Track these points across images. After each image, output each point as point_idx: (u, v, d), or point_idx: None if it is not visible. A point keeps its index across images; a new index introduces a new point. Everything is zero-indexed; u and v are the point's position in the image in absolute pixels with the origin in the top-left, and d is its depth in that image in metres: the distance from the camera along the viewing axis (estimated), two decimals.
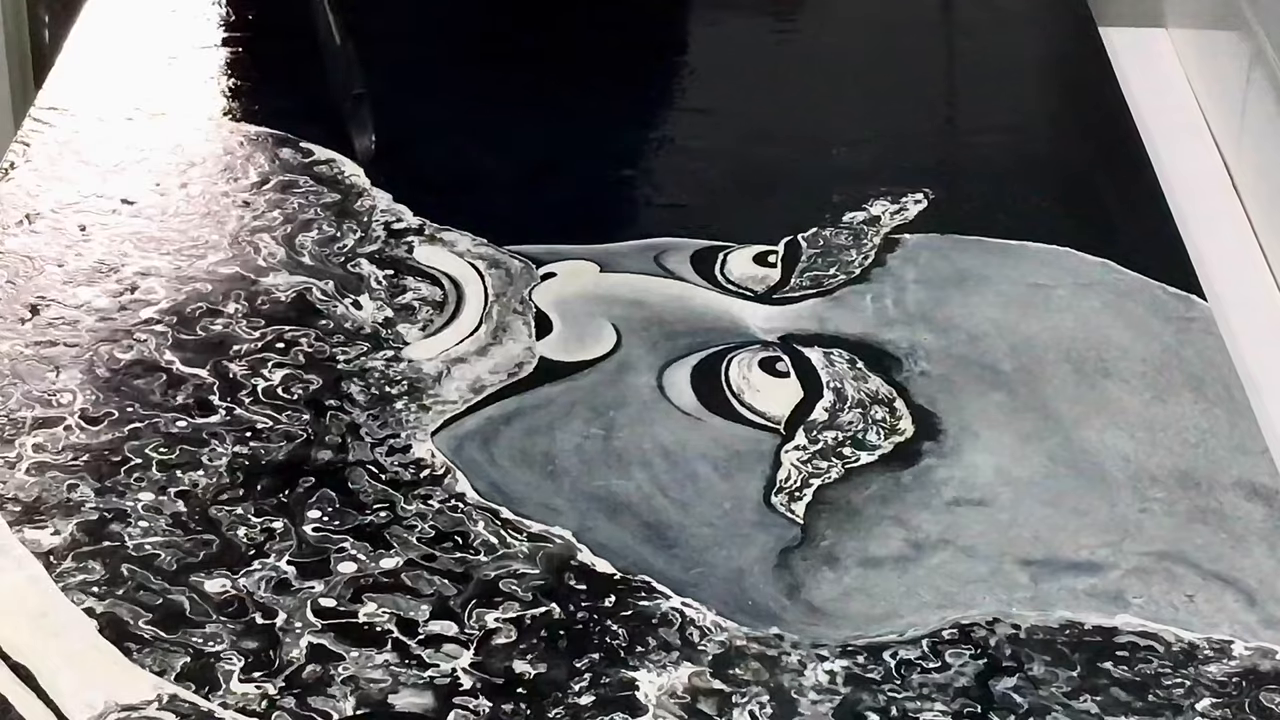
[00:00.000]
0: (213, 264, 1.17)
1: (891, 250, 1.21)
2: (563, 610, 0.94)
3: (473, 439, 1.04)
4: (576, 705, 0.88)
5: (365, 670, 0.90)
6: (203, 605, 0.93)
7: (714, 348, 1.12)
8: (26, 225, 1.20)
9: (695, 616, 0.93)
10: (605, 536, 0.98)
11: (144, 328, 1.12)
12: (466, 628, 0.92)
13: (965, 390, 1.09)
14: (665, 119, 1.36)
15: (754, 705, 0.89)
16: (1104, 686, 0.90)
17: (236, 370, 1.09)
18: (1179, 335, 1.13)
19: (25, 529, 0.97)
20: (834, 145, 1.32)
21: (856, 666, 0.91)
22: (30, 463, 1.01)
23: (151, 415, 1.05)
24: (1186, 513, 1.00)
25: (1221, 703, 0.89)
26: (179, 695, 0.88)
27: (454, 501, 1.00)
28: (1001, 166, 1.30)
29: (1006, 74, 1.43)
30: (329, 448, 1.03)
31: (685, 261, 1.19)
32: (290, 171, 1.27)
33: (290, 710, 0.88)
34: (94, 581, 0.94)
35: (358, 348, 1.11)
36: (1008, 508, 1.01)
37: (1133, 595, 0.95)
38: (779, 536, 0.99)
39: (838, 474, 1.03)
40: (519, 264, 1.19)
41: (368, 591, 0.94)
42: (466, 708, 0.88)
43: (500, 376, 1.09)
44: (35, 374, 1.08)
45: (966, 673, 0.91)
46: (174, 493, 1.00)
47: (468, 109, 1.36)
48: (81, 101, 1.33)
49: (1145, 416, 1.07)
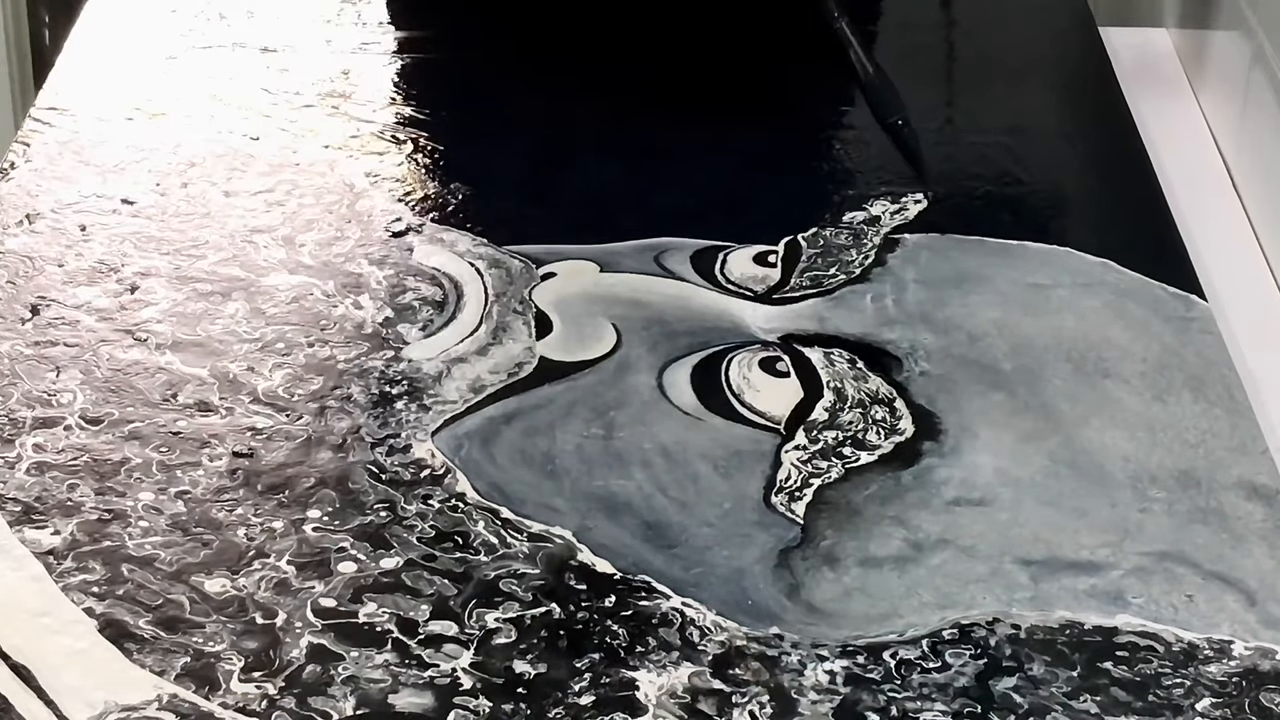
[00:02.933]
0: (213, 264, 1.17)
1: (892, 250, 1.21)
2: (563, 610, 0.94)
3: (473, 439, 1.04)
4: (576, 705, 0.88)
5: (365, 670, 0.90)
6: (203, 605, 0.93)
7: (714, 347, 1.12)
8: (27, 225, 1.20)
9: (695, 616, 0.93)
10: (605, 536, 0.98)
11: (144, 328, 1.12)
12: (467, 628, 0.92)
13: (965, 390, 1.09)
14: (665, 118, 1.36)
15: (754, 705, 0.89)
16: (1104, 686, 0.90)
17: (236, 370, 1.09)
18: (1179, 335, 1.13)
19: (25, 529, 0.97)
20: (834, 144, 1.32)
21: (856, 666, 0.91)
22: (30, 463, 1.01)
23: (151, 415, 1.05)
24: (1186, 513, 1.00)
25: (1221, 703, 0.89)
26: (179, 695, 0.88)
27: (454, 501, 1.00)
28: (1001, 166, 1.30)
29: (1006, 74, 1.43)
30: (329, 448, 1.03)
31: (685, 261, 1.19)
32: (291, 171, 1.26)
33: (290, 710, 0.88)
34: (94, 581, 0.94)
35: (358, 348, 1.11)
36: (1008, 508, 1.01)
37: (1133, 595, 0.95)
38: (779, 536, 0.99)
39: (838, 474, 1.03)
40: (519, 264, 1.19)
41: (368, 591, 0.94)
42: (466, 708, 0.88)
43: (500, 376, 1.09)
44: (35, 374, 1.08)
45: (966, 673, 0.91)
46: (174, 493, 1.00)
47: (468, 109, 1.36)
48: (81, 101, 1.33)
49: (1145, 416, 1.07)
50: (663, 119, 1.35)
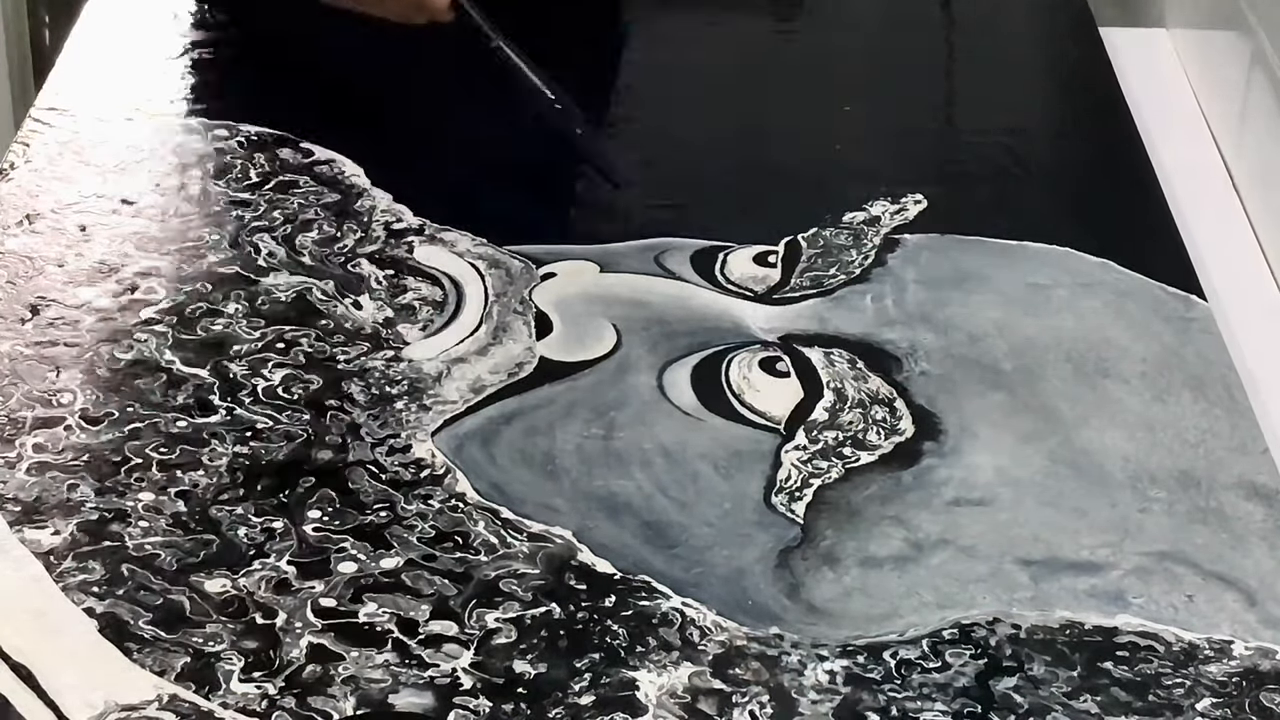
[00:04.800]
0: (213, 264, 1.17)
1: (891, 250, 1.21)
2: (563, 610, 0.94)
3: (473, 439, 1.04)
4: (577, 705, 0.89)
5: (365, 670, 0.90)
6: (203, 605, 0.93)
7: (714, 348, 1.12)
8: (27, 225, 1.20)
9: (695, 616, 0.93)
10: (605, 536, 0.98)
11: (144, 328, 1.12)
12: (467, 628, 0.92)
13: (965, 390, 1.09)
14: (665, 118, 1.36)
15: (754, 705, 0.89)
16: (1104, 686, 0.90)
17: (236, 370, 1.09)
18: (1179, 335, 1.14)
19: (25, 529, 0.97)
20: (834, 145, 1.32)
21: (856, 666, 0.91)
22: (30, 463, 1.01)
23: (151, 415, 1.05)
24: (1186, 513, 1.01)
25: (1222, 702, 0.90)
26: (179, 695, 0.88)
27: (454, 501, 1.00)
28: (1001, 166, 1.30)
29: (1006, 74, 1.43)
30: (329, 448, 1.03)
31: (685, 262, 1.19)
32: (290, 172, 1.27)
33: (290, 710, 0.88)
34: (94, 581, 0.94)
35: (358, 348, 1.11)
36: (1008, 508, 1.01)
37: (1133, 595, 0.95)
38: (779, 536, 0.99)
39: (838, 474, 1.03)
40: (519, 264, 1.19)
41: (368, 591, 0.94)
42: (467, 708, 0.88)
43: (500, 376, 1.09)
44: (35, 374, 1.08)
45: (967, 673, 0.91)
46: (174, 493, 1.00)
47: (468, 110, 1.36)
48: (81, 101, 1.33)
49: (1145, 416, 1.07)
50: (663, 118, 1.36)
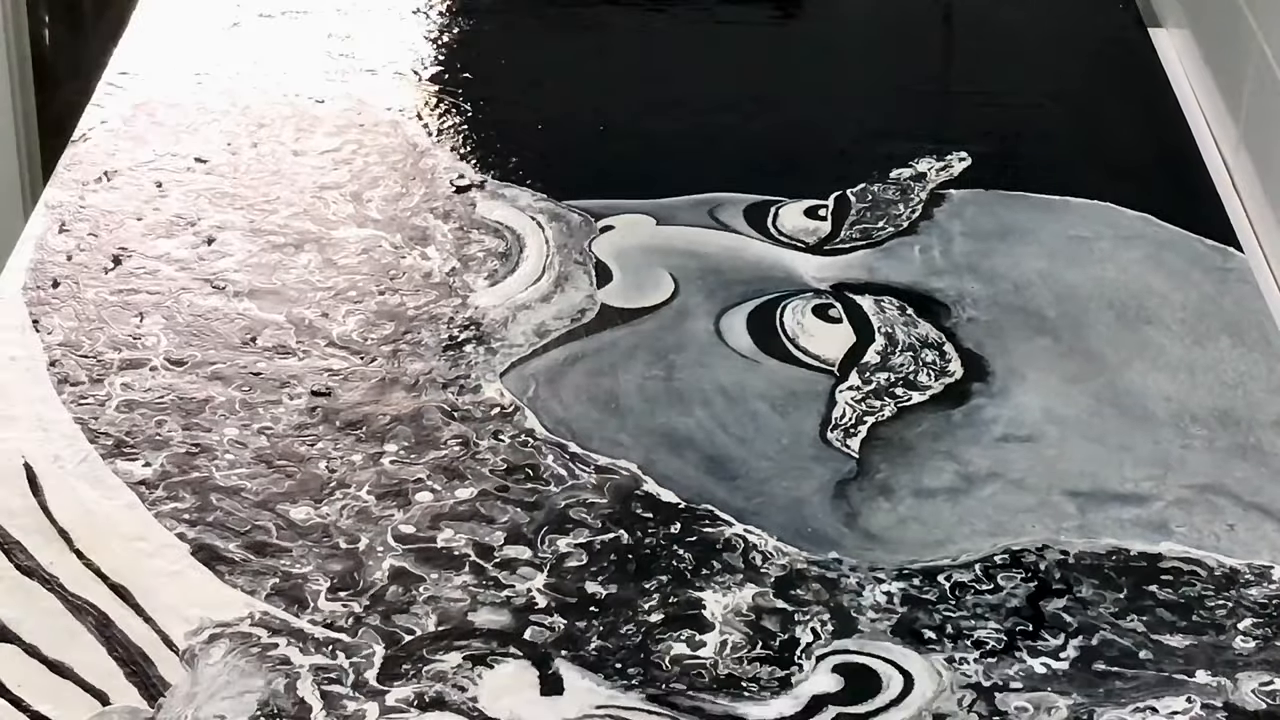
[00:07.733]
0: (285, 218, 1.22)
1: (938, 205, 1.25)
2: (630, 536, 0.98)
3: (540, 379, 1.09)
4: (647, 622, 0.93)
5: (445, 590, 0.94)
6: (289, 531, 0.98)
7: (768, 295, 1.16)
8: (106, 182, 1.25)
9: (757, 542, 0.98)
10: (669, 469, 1.02)
11: (222, 276, 1.16)
12: (540, 552, 0.97)
13: (1012, 335, 1.13)
14: (721, 80, 1.40)
15: (815, 623, 0.93)
16: (1150, 607, 0.94)
17: (311, 316, 1.13)
18: (1217, 285, 1.17)
19: (117, 460, 1.02)
20: (883, 108, 1.36)
21: (913, 588, 0.95)
22: (119, 400, 1.06)
23: (233, 357, 1.09)
24: (1226, 449, 1.04)
25: (1263, 622, 0.93)
26: (270, 612, 0.93)
27: (524, 437, 1.04)
28: (1042, 129, 1.34)
29: (1046, 41, 1.47)
30: (403, 388, 1.07)
31: (738, 215, 1.24)
32: (357, 131, 1.31)
33: (375, 627, 0.92)
34: (185, 509, 0.99)
35: (426, 295, 1.15)
36: (1055, 444, 1.05)
37: (1176, 524, 0.99)
38: (835, 469, 1.03)
39: (890, 412, 1.07)
40: (578, 218, 1.23)
41: (445, 519, 0.99)
42: (542, 624, 0.93)
43: (564, 322, 1.14)
44: (120, 319, 1.12)
45: (1018, 594, 0.95)
46: (256, 428, 1.04)
47: (532, 71, 1.40)
48: (152, 66, 1.38)
49: (1186, 359, 1.11)
50: (719, 80, 1.40)
